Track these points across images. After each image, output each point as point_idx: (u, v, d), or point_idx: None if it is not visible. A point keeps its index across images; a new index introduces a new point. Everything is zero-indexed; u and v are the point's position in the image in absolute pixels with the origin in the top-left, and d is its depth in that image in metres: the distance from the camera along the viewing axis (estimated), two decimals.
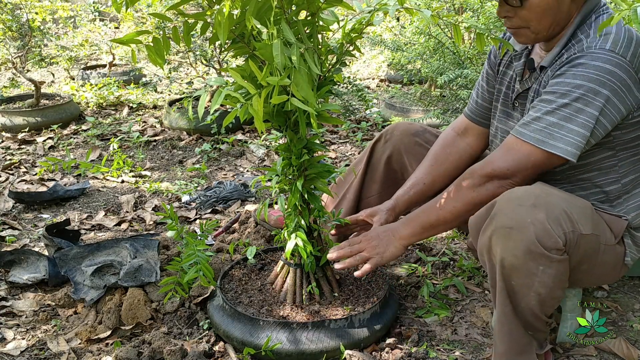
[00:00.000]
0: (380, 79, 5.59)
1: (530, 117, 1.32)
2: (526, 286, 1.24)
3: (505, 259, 1.23)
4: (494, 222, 1.25)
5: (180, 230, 1.76)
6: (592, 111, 1.25)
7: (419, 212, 1.51)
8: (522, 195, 1.25)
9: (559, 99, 1.27)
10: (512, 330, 1.31)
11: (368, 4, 1.29)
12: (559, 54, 1.34)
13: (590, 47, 1.27)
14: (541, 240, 1.19)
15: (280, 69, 1.11)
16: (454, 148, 1.70)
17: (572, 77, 1.26)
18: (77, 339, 1.61)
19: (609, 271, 1.41)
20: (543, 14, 1.30)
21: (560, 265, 1.21)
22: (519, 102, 1.48)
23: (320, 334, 1.46)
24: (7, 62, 4.05)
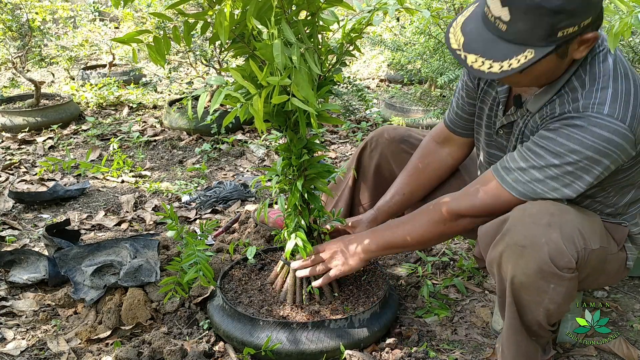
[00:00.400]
0: (380, 79, 5.59)
1: (516, 164, 1.27)
2: (536, 303, 1.23)
3: (516, 276, 1.21)
4: (506, 239, 1.22)
5: (180, 230, 1.76)
6: (582, 175, 1.21)
7: (387, 229, 1.48)
8: (536, 212, 1.21)
9: (550, 158, 1.21)
10: (519, 341, 1.30)
11: (368, 4, 1.29)
12: (550, 100, 1.26)
13: (587, 107, 1.18)
14: (554, 260, 1.16)
15: (281, 69, 1.10)
16: (434, 158, 1.67)
17: (567, 138, 1.18)
18: (77, 339, 1.61)
19: (612, 276, 1.40)
20: (542, 76, 1.24)
21: (571, 282, 1.20)
22: (504, 131, 1.43)
23: (320, 334, 1.46)
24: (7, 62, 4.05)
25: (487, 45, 1.15)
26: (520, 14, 1.09)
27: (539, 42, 1.11)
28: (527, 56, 1.12)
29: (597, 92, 1.18)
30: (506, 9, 1.10)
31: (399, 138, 1.76)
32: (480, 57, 1.15)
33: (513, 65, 1.12)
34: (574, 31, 1.10)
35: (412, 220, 1.45)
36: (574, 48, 1.17)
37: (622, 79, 1.19)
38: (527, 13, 1.08)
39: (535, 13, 1.08)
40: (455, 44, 1.19)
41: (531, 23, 1.09)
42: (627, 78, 1.20)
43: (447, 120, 1.63)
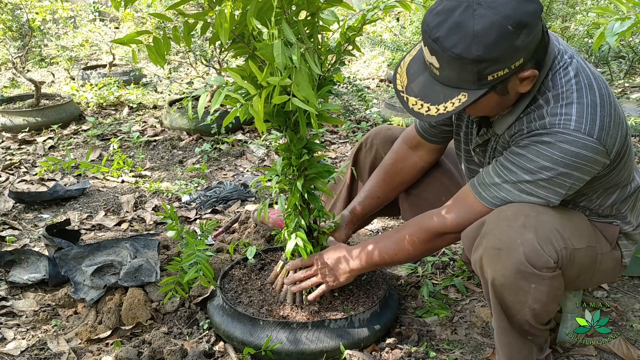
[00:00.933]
0: (380, 79, 5.59)
1: (491, 180, 1.29)
2: (519, 302, 1.24)
3: (496, 278, 1.23)
4: (483, 242, 1.25)
5: (180, 230, 1.76)
6: (557, 189, 1.22)
7: (376, 247, 1.49)
8: (511, 215, 1.23)
9: (522, 174, 1.22)
10: (511, 342, 1.32)
11: (367, 3, 1.29)
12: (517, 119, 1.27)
13: (553, 124, 1.18)
14: (531, 260, 1.18)
15: (281, 69, 1.11)
16: (406, 162, 1.68)
17: (536, 155, 1.19)
18: (77, 339, 1.61)
19: (608, 275, 1.41)
20: (489, 109, 1.26)
21: (553, 281, 1.21)
22: (479, 149, 1.45)
23: (320, 333, 1.46)
24: (7, 62, 4.05)
25: (425, 90, 1.19)
26: (445, 63, 1.13)
27: (471, 86, 1.14)
28: (461, 99, 1.15)
29: (562, 108, 1.19)
30: (434, 57, 1.14)
31: (393, 138, 1.76)
32: (420, 101, 1.20)
33: (448, 108, 1.17)
34: (505, 73, 1.13)
35: (399, 238, 1.47)
36: (515, 84, 1.18)
37: (586, 91, 1.20)
38: (450, 62, 1.12)
39: (457, 62, 1.11)
40: (399, 85, 1.24)
41: (457, 71, 1.13)
42: (591, 89, 1.20)
43: (420, 128, 1.63)
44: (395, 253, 1.46)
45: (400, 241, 1.46)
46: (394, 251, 1.46)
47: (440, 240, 1.42)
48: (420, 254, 1.47)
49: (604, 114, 1.18)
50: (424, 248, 1.44)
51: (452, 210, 1.38)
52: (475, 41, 1.08)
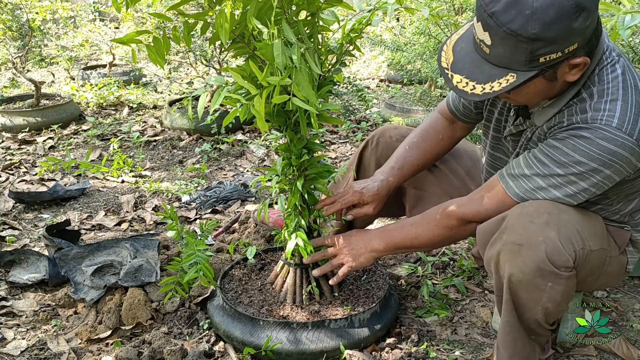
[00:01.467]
0: (380, 79, 5.59)
1: (521, 171, 1.27)
2: (533, 300, 1.23)
3: (513, 274, 1.22)
4: (504, 237, 1.23)
5: (180, 230, 1.76)
6: (586, 186, 1.20)
7: (396, 230, 1.50)
8: (534, 211, 1.21)
9: (554, 167, 1.21)
10: (516, 339, 1.31)
11: (368, 4, 1.29)
12: (558, 113, 1.25)
13: (595, 119, 1.16)
14: (551, 259, 1.17)
15: (281, 69, 1.11)
16: (446, 134, 1.67)
17: (573, 149, 1.18)
18: (77, 339, 1.61)
19: (611, 279, 1.40)
20: (534, 96, 1.24)
21: (569, 281, 1.20)
22: (512, 138, 1.44)
23: (320, 334, 1.46)
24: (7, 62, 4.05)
25: (472, 67, 1.17)
26: (499, 40, 1.10)
27: (520, 67, 1.12)
28: (509, 80, 1.13)
29: (606, 103, 1.17)
30: (487, 33, 1.12)
31: (400, 137, 1.76)
32: (465, 79, 1.17)
33: (495, 88, 1.14)
34: (557, 57, 1.10)
35: (421, 223, 1.46)
36: (564, 71, 1.16)
37: (632, 90, 1.18)
38: (504, 39, 1.09)
39: (512, 40, 1.08)
40: (444, 62, 1.22)
41: (510, 49, 1.10)
42: (636, 89, 1.18)
43: (452, 107, 1.62)
44: (416, 236, 1.45)
45: (422, 225, 1.45)
46: (415, 234, 1.45)
47: (462, 228, 1.41)
48: (440, 240, 1.45)
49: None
50: (444, 234, 1.43)
51: (478, 199, 1.37)
52: (533, 18, 1.05)
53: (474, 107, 1.56)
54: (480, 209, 1.36)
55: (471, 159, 1.78)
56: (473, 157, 1.78)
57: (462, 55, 1.19)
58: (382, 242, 1.50)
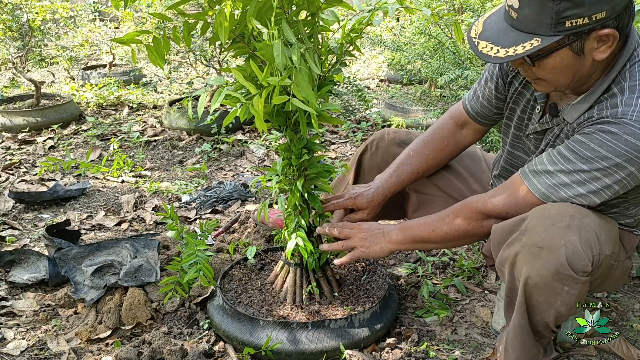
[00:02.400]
0: (380, 79, 5.59)
1: (544, 167, 1.25)
2: (547, 304, 1.22)
3: (531, 277, 1.21)
4: (523, 239, 1.21)
5: (180, 230, 1.76)
6: (610, 183, 1.19)
7: (415, 224, 1.48)
8: (556, 214, 1.20)
9: (579, 163, 1.19)
10: (525, 340, 1.30)
11: (368, 4, 1.29)
12: (589, 109, 1.24)
13: (625, 114, 1.15)
14: (571, 263, 1.16)
15: (281, 69, 1.11)
16: (452, 140, 1.66)
17: (599, 144, 1.16)
18: (77, 339, 1.61)
19: (614, 283, 1.40)
20: (560, 74, 1.20)
21: (584, 285, 1.20)
22: (535, 136, 1.42)
23: (320, 333, 1.46)
24: (7, 62, 4.05)
25: (499, 34, 1.18)
26: (526, 1, 1.11)
27: (546, 31, 1.11)
28: (533, 44, 1.12)
29: (638, 99, 1.16)
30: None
31: (399, 141, 1.75)
32: (490, 44, 1.18)
33: (518, 51, 1.13)
34: (584, 23, 1.09)
35: (439, 217, 1.44)
36: (592, 46, 1.14)
37: None
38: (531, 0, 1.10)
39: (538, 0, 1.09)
40: (473, 32, 1.23)
41: (536, 9, 1.10)
42: None
43: (469, 107, 1.61)
44: (434, 229, 1.43)
45: (441, 219, 1.43)
46: (432, 228, 1.43)
47: (480, 224, 1.38)
48: (457, 236, 1.41)
49: None
50: (462, 230, 1.40)
51: (499, 195, 1.34)
52: None
53: (494, 106, 1.54)
54: (500, 204, 1.33)
55: (472, 159, 1.76)
56: (474, 158, 1.77)
57: (492, 26, 1.20)
58: (400, 233, 1.47)
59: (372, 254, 1.49)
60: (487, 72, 1.54)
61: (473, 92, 1.61)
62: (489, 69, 1.54)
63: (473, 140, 1.68)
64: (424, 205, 1.73)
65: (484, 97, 1.56)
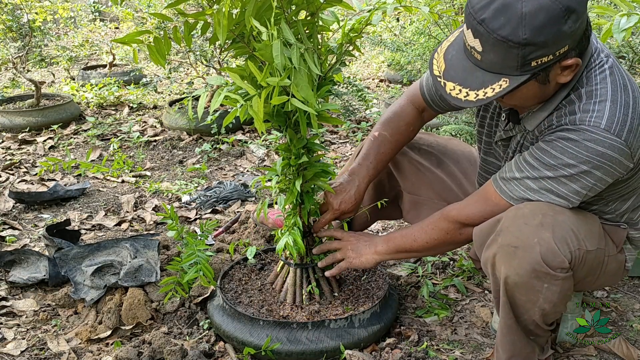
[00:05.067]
0: (380, 79, 5.59)
1: (512, 175, 1.28)
2: (530, 302, 1.24)
3: (509, 277, 1.22)
4: (499, 240, 1.23)
5: (180, 230, 1.76)
6: (578, 188, 1.20)
7: (398, 235, 1.53)
8: (528, 213, 1.21)
9: (544, 170, 1.21)
10: (514, 340, 1.31)
11: (367, 4, 1.29)
12: (548, 116, 1.26)
13: (583, 120, 1.16)
14: (547, 260, 1.17)
15: (280, 70, 1.11)
16: (417, 124, 1.66)
17: (561, 151, 1.18)
18: (77, 339, 1.61)
19: (611, 278, 1.40)
20: (527, 100, 1.23)
21: (565, 282, 1.21)
22: (502, 143, 1.44)
23: (320, 334, 1.46)
24: (8, 62, 4.05)
25: (464, 74, 1.17)
26: (490, 46, 1.10)
27: (513, 72, 1.12)
28: (502, 85, 1.13)
29: (595, 104, 1.17)
30: (477, 40, 1.12)
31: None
32: (458, 86, 1.17)
33: (488, 94, 1.14)
34: (549, 60, 1.10)
35: (420, 226, 1.49)
36: (557, 73, 1.16)
37: (620, 91, 1.18)
38: (495, 46, 1.09)
39: (503, 46, 1.08)
40: (437, 70, 1.22)
41: (501, 55, 1.10)
42: (625, 90, 1.18)
43: (428, 98, 1.58)
44: (415, 239, 1.48)
45: (421, 228, 1.48)
46: (413, 237, 1.48)
47: (459, 232, 1.42)
48: (436, 244, 1.46)
49: (635, 116, 1.16)
50: (440, 238, 1.44)
51: (474, 203, 1.38)
52: (523, 24, 1.05)
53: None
54: (475, 212, 1.37)
55: (468, 160, 1.77)
56: (470, 159, 1.77)
57: (454, 63, 1.19)
58: (385, 244, 1.53)
59: (358, 265, 1.55)
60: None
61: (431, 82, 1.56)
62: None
63: (431, 118, 1.69)
64: (416, 206, 1.74)
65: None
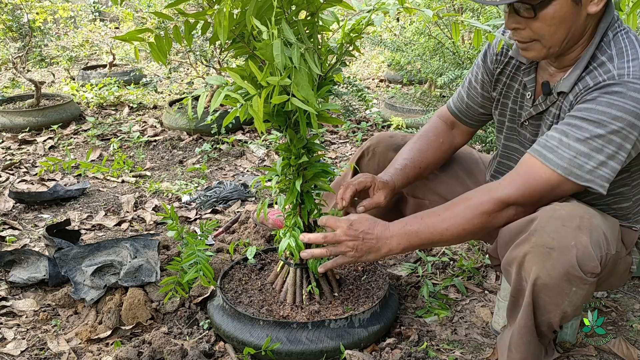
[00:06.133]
0: (380, 79, 5.59)
1: (556, 141, 1.21)
2: (555, 304, 1.22)
3: (540, 277, 1.20)
4: (533, 239, 1.20)
5: (180, 230, 1.76)
6: (626, 145, 1.17)
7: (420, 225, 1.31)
8: (566, 215, 1.19)
9: (593, 128, 1.17)
10: (530, 341, 1.30)
11: (367, 4, 1.29)
12: (580, 77, 1.25)
13: (622, 74, 1.16)
14: (581, 264, 1.16)
15: (281, 69, 1.11)
16: (446, 138, 1.65)
17: (607, 105, 1.15)
18: (77, 339, 1.61)
19: (617, 280, 1.40)
20: (558, 26, 1.20)
21: (592, 286, 1.20)
22: (531, 122, 1.40)
23: (320, 334, 1.47)
24: (8, 62, 4.05)
25: None
26: None
27: None
28: None
29: (629, 62, 1.18)
30: None
31: (395, 145, 1.74)
32: None
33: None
34: None
35: (451, 213, 1.30)
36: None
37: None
38: None
39: None
40: None
41: None
42: None
43: (455, 109, 1.61)
44: (446, 229, 1.29)
45: (453, 215, 1.29)
46: (444, 227, 1.29)
47: (500, 214, 1.28)
48: (474, 230, 1.29)
49: None
50: (480, 222, 1.28)
51: (516, 179, 1.26)
52: None
53: (480, 105, 1.55)
54: (521, 188, 1.25)
55: (469, 160, 1.76)
56: (471, 159, 1.76)
57: None
58: (402, 241, 1.31)
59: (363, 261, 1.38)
60: (471, 75, 1.57)
61: (457, 95, 1.63)
62: (473, 71, 1.57)
63: (463, 141, 1.68)
64: (421, 209, 1.72)
65: (469, 98, 1.58)
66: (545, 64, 1.37)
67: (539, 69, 1.39)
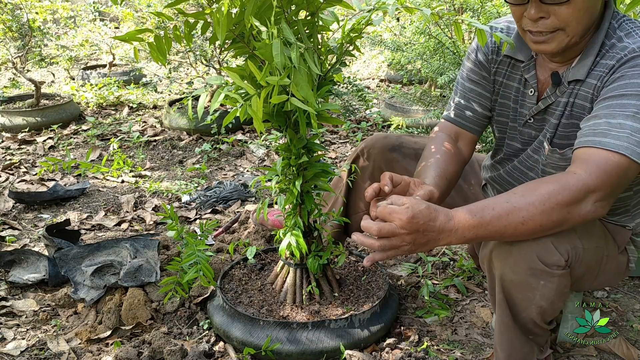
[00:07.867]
0: (380, 79, 5.59)
1: (605, 125, 1.14)
2: (527, 299, 1.23)
3: (505, 274, 1.22)
4: None
5: (180, 230, 1.76)
6: None
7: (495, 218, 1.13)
8: None
9: (635, 101, 1.12)
10: (512, 338, 1.31)
11: (368, 4, 1.29)
12: (595, 63, 1.24)
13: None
14: (542, 258, 1.17)
15: (280, 69, 1.10)
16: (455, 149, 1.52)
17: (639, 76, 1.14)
18: (77, 339, 1.61)
19: (611, 277, 1.40)
20: (585, 12, 1.19)
21: (562, 279, 1.21)
22: (536, 118, 1.37)
23: (320, 334, 1.46)
24: (7, 62, 4.05)
25: None
26: None
27: None
28: None
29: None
30: None
31: (390, 147, 1.71)
32: None
33: None
34: None
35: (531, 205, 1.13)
36: None
37: None
38: None
39: None
40: None
41: None
42: None
43: (456, 117, 1.53)
44: (523, 222, 1.13)
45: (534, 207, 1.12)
46: (519, 221, 1.13)
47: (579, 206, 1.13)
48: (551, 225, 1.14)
49: None
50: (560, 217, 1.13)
51: (584, 169, 1.13)
52: None
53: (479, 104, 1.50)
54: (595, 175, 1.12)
55: (470, 166, 1.74)
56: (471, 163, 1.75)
57: None
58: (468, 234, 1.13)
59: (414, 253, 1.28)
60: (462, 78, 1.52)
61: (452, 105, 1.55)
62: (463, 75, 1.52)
63: (468, 153, 1.56)
64: None
65: (466, 99, 1.52)
66: (544, 60, 1.36)
67: (538, 66, 1.38)
